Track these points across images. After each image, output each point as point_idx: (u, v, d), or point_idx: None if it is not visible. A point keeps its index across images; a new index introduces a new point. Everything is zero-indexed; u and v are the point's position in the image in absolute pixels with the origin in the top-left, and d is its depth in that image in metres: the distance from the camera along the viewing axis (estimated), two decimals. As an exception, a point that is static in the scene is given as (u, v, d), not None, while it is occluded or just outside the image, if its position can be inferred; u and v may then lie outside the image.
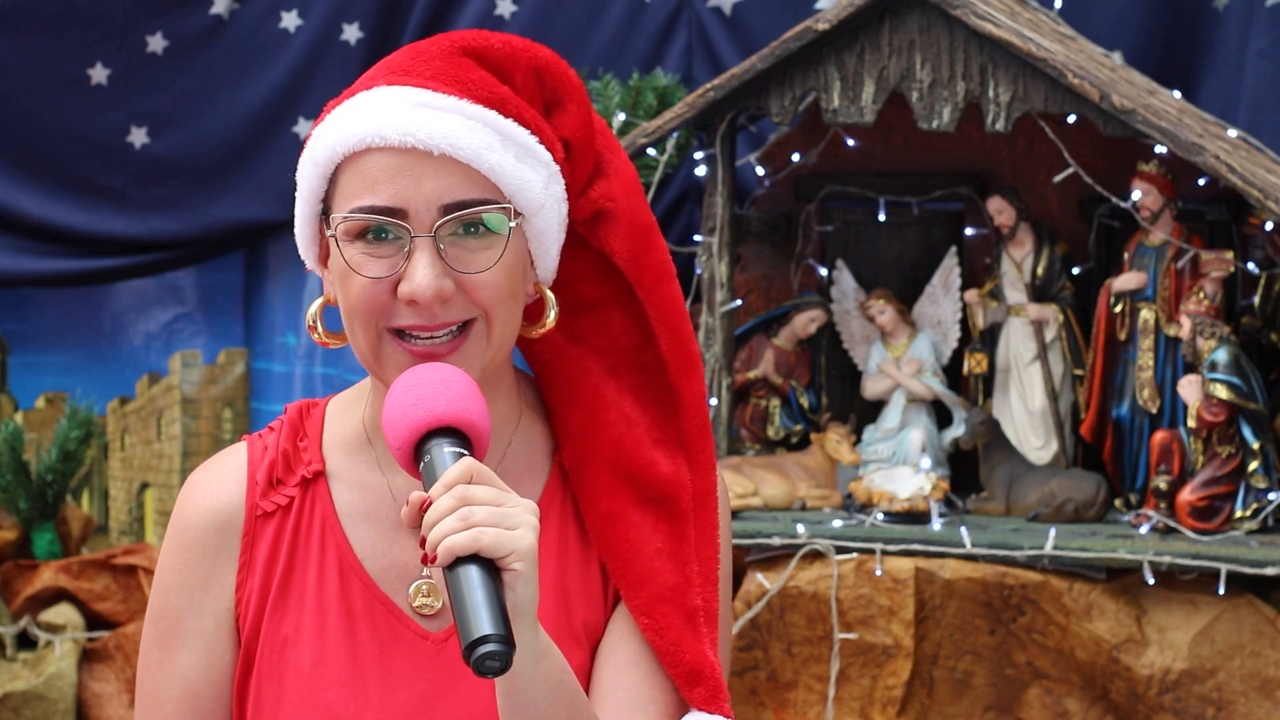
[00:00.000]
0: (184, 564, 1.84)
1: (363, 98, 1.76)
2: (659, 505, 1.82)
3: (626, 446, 1.83)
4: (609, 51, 4.66)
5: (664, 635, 1.78)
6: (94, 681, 4.52)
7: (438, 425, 1.66)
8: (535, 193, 1.75)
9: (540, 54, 1.81)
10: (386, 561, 1.82)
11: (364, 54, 4.83)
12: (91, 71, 4.97)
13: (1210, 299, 3.77)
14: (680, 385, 1.84)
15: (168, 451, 5.24)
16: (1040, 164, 4.03)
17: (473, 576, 1.56)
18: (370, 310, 1.73)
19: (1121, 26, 4.38)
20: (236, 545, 1.83)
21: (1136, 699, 3.56)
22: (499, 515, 1.59)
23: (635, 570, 1.80)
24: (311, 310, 1.82)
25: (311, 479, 1.85)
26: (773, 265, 4.27)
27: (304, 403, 1.92)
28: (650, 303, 1.84)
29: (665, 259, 1.86)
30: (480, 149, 1.72)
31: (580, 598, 1.82)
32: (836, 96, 3.76)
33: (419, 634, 1.80)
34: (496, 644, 1.53)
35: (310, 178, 1.78)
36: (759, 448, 4.15)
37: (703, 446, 1.85)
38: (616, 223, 1.83)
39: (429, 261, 1.70)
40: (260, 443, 1.88)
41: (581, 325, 1.87)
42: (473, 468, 1.62)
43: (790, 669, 3.73)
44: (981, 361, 4.02)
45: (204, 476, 1.88)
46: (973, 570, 3.64)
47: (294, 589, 1.82)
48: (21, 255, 5.01)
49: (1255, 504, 3.71)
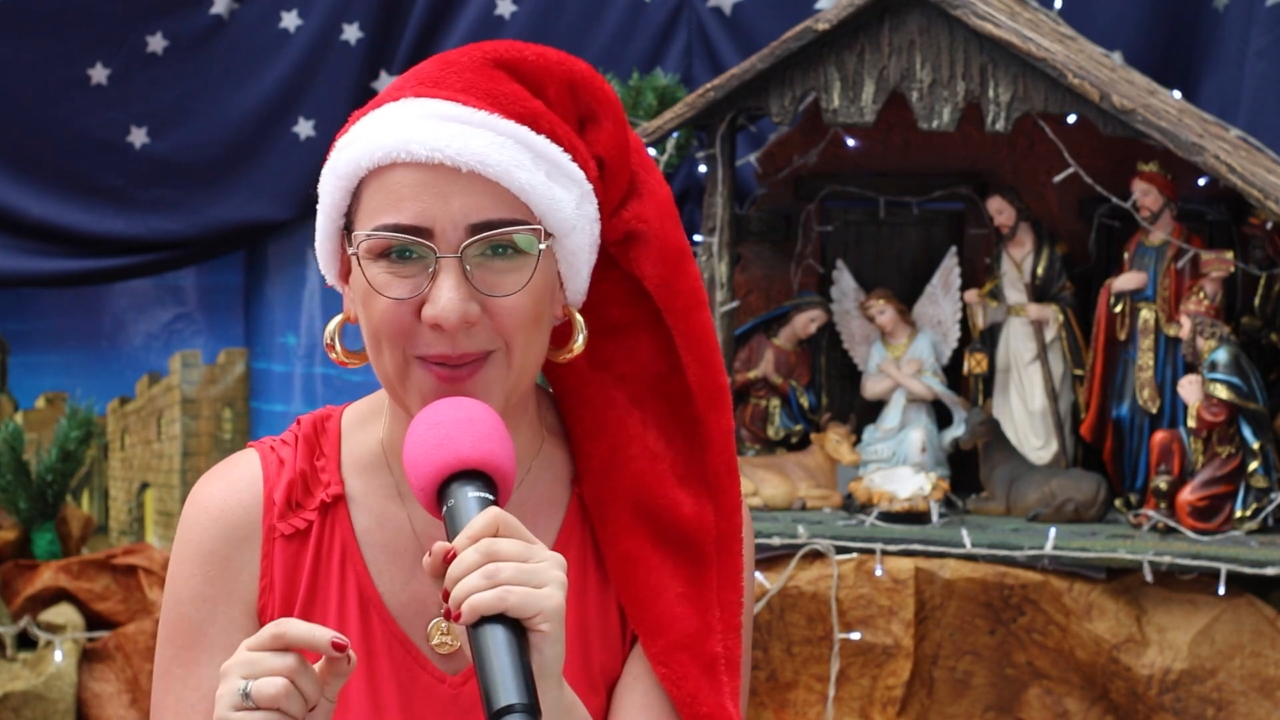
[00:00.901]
0: (202, 576, 1.77)
1: (389, 109, 1.68)
2: (681, 548, 1.76)
3: (649, 484, 1.76)
4: (609, 51, 4.66)
5: (681, 686, 1.73)
6: (94, 681, 4.52)
7: (462, 468, 1.60)
8: (567, 213, 1.68)
9: (576, 68, 1.74)
10: (405, 597, 1.77)
11: (364, 54, 4.83)
12: (91, 71, 4.97)
13: (1210, 299, 3.77)
14: (707, 419, 1.78)
15: (168, 451, 5.24)
16: (1040, 164, 4.04)
17: (499, 639, 1.51)
18: (395, 334, 1.66)
19: (1121, 26, 4.38)
20: (256, 563, 1.77)
21: (1136, 699, 3.56)
22: (526, 573, 1.52)
23: (654, 616, 1.74)
24: (330, 328, 1.76)
25: (331, 503, 1.78)
26: (773, 265, 4.27)
27: (318, 415, 1.84)
28: (680, 330, 1.77)
29: (697, 285, 1.80)
30: (510, 167, 1.64)
31: (599, 640, 1.77)
32: (836, 96, 3.76)
33: (436, 676, 1.75)
34: (522, 714, 1.48)
35: (333, 191, 1.70)
36: (759, 448, 4.15)
37: (728, 486, 1.78)
38: (649, 246, 1.76)
39: (454, 284, 1.63)
40: (274, 456, 1.81)
41: (607, 350, 1.80)
42: (499, 519, 1.55)
43: (790, 669, 3.73)
44: (981, 361, 4.02)
45: (216, 486, 1.80)
46: (973, 570, 3.64)
47: (315, 619, 1.75)
48: (21, 255, 5.01)
49: (1255, 504, 3.71)
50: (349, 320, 1.75)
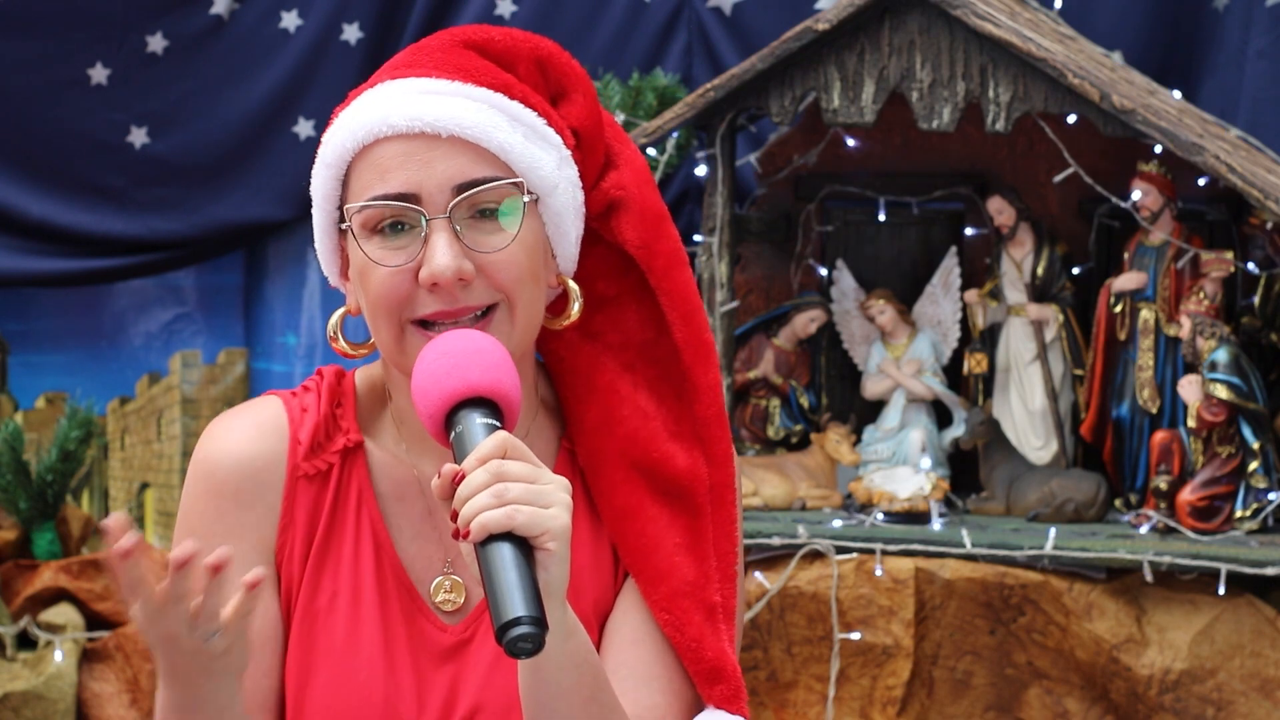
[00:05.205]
0: (215, 511, 1.79)
1: (367, 95, 1.76)
2: (676, 499, 1.80)
3: (642, 440, 1.81)
4: (609, 51, 4.66)
5: (684, 631, 1.76)
6: (94, 681, 4.52)
7: (471, 395, 1.63)
8: (548, 171, 1.74)
9: (543, 45, 1.80)
10: (413, 551, 1.81)
11: (364, 54, 4.83)
12: (91, 71, 4.97)
13: (1210, 299, 3.77)
14: (695, 371, 1.82)
15: (168, 451, 5.24)
16: (1040, 164, 4.03)
17: (506, 555, 1.54)
18: (392, 302, 1.71)
19: (1121, 26, 4.38)
20: (277, 502, 1.80)
21: (1136, 699, 3.56)
22: (534, 493, 1.56)
23: (654, 565, 1.78)
24: (333, 321, 1.81)
25: (352, 449, 1.82)
26: (773, 265, 4.27)
27: (336, 368, 1.88)
28: (663, 289, 1.82)
29: (678, 246, 1.85)
30: (488, 128, 1.71)
31: (591, 578, 1.81)
32: (836, 96, 3.76)
33: (439, 627, 1.79)
34: (530, 625, 1.51)
35: (325, 182, 1.76)
36: (759, 448, 4.15)
37: (719, 436, 1.83)
38: (628, 210, 1.81)
39: (447, 243, 1.69)
40: (297, 402, 1.84)
41: (597, 321, 1.85)
42: (507, 442, 1.59)
43: (790, 669, 3.73)
44: (981, 361, 4.02)
45: (236, 422, 1.83)
46: (973, 570, 3.64)
47: (330, 560, 1.79)
48: (21, 255, 5.01)
49: (1255, 504, 3.71)
50: (351, 313, 1.80)
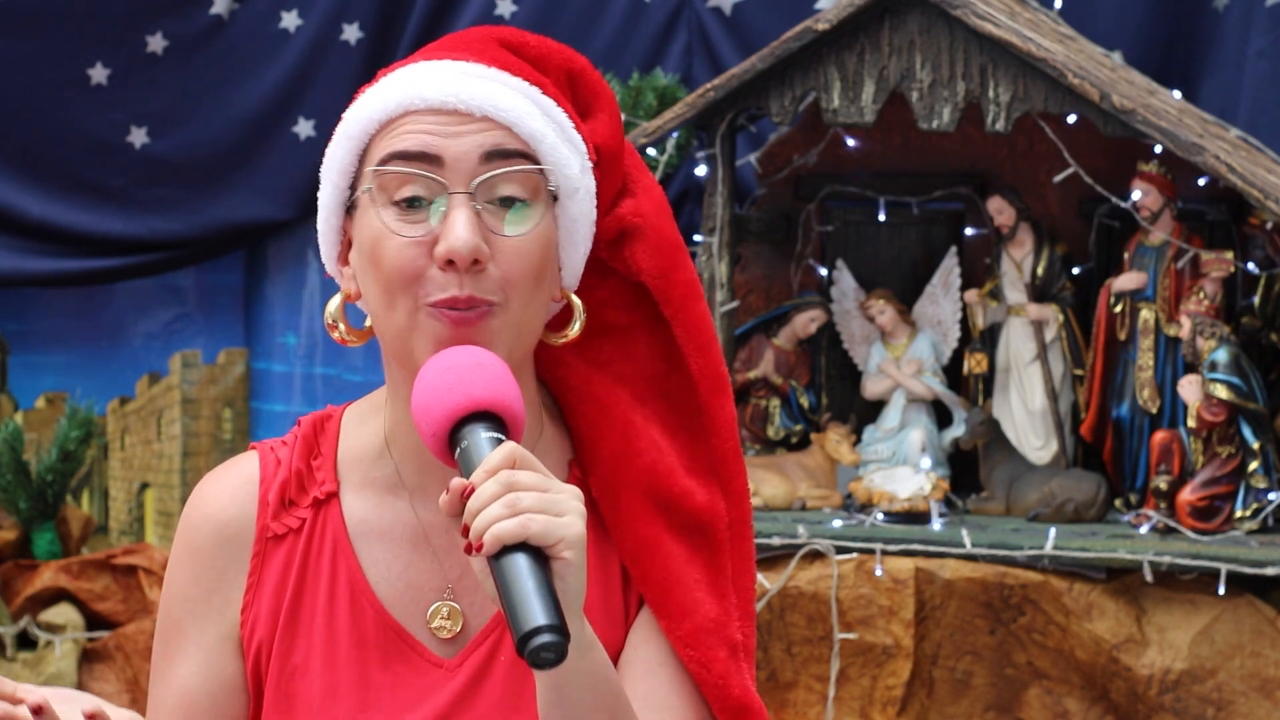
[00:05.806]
0: (190, 574, 1.78)
1: (399, 72, 1.70)
2: (696, 534, 1.75)
3: (661, 474, 1.75)
4: (609, 51, 4.66)
5: (710, 669, 1.71)
6: (94, 681, 4.52)
7: (475, 409, 1.58)
8: (573, 172, 1.69)
9: (575, 59, 1.76)
10: (401, 585, 1.76)
11: (364, 54, 4.83)
12: (91, 71, 4.97)
13: (1210, 299, 3.77)
14: (711, 405, 1.77)
15: (168, 451, 5.24)
16: (1040, 164, 4.04)
17: (522, 566, 1.49)
18: (408, 278, 1.65)
19: (1121, 26, 4.38)
20: (246, 562, 1.77)
21: (1136, 699, 3.56)
22: (546, 502, 1.52)
23: (676, 601, 1.73)
24: (332, 307, 1.75)
25: (324, 500, 1.78)
26: (773, 265, 4.27)
27: (319, 415, 1.83)
28: (678, 321, 1.77)
29: (693, 278, 1.79)
30: (523, 114, 1.66)
31: (600, 616, 1.74)
32: (836, 96, 3.76)
33: (432, 662, 1.74)
34: (552, 634, 1.46)
35: (342, 155, 1.70)
36: (759, 448, 4.15)
37: (736, 472, 1.78)
38: (645, 239, 1.76)
39: (468, 219, 1.63)
40: (273, 456, 1.80)
41: (606, 351, 1.79)
42: (515, 452, 1.54)
43: (790, 669, 3.73)
44: (981, 361, 4.02)
45: (214, 486, 1.81)
46: (973, 570, 3.64)
47: (303, 616, 1.75)
48: (21, 255, 5.01)
49: (1255, 504, 3.71)
50: (349, 299, 1.75)
